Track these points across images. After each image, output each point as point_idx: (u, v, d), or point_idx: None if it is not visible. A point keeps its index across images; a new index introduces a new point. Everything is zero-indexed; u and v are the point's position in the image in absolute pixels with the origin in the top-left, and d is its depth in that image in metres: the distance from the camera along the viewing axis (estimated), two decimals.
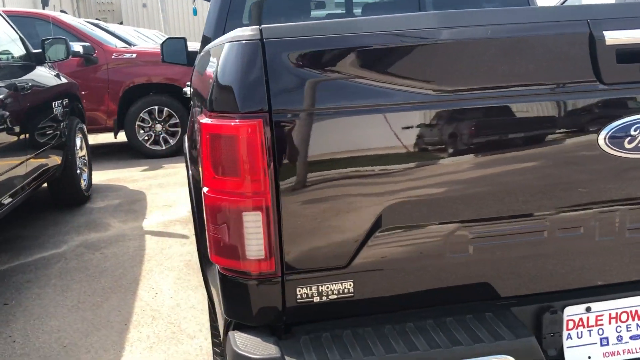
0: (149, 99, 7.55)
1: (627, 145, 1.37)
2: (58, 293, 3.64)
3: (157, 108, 7.58)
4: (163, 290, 3.62)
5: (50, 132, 4.70)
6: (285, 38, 1.24)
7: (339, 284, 1.32)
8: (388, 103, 1.27)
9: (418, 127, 1.29)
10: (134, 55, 7.57)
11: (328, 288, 1.32)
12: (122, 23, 22.43)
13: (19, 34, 4.69)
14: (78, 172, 5.47)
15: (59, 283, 3.79)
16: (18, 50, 4.55)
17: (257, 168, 1.24)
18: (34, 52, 4.79)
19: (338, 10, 3.27)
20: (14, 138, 3.87)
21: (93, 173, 6.40)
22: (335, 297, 1.33)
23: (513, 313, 1.41)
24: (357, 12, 3.24)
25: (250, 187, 1.24)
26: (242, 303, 1.34)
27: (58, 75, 5.34)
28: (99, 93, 7.42)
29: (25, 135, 4.11)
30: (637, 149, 1.37)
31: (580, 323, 1.46)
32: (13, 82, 4.04)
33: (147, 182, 6.49)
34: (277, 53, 1.23)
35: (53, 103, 4.82)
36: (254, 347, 1.27)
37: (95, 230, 4.84)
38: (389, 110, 1.27)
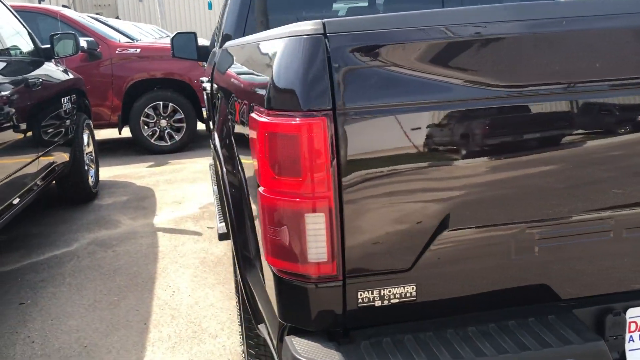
0: (154, 94, 7.48)
1: None
2: (73, 292, 3.59)
3: (161, 103, 7.51)
4: (180, 289, 3.57)
5: (60, 128, 4.64)
6: (350, 32, 1.19)
7: (402, 288, 1.28)
8: (455, 99, 1.22)
9: (488, 124, 1.25)
10: (138, 50, 7.49)
11: (390, 292, 1.28)
12: (118, 18, 22.27)
13: (28, 29, 4.61)
14: (86, 168, 5.41)
15: (74, 282, 3.74)
16: (27, 46, 4.48)
17: (320, 168, 1.19)
18: (43, 47, 4.71)
19: (360, 4, 3.22)
20: (26, 135, 3.81)
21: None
22: (397, 300, 1.29)
23: (576, 315, 1.37)
24: (379, 2, 3.18)
25: (313, 187, 1.20)
26: (300, 307, 1.29)
27: (66, 71, 5.27)
28: (103, 88, 7.34)
29: (37, 133, 4.05)
30: None
31: None
32: (24, 78, 3.98)
33: (154, 178, 6.43)
34: (341, 48, 1.18)
35: (62, 99, 4.76)
36: (315, 353, 1.23)
37: (106, 228, 4.79)
38: (457, 107, 1.23)
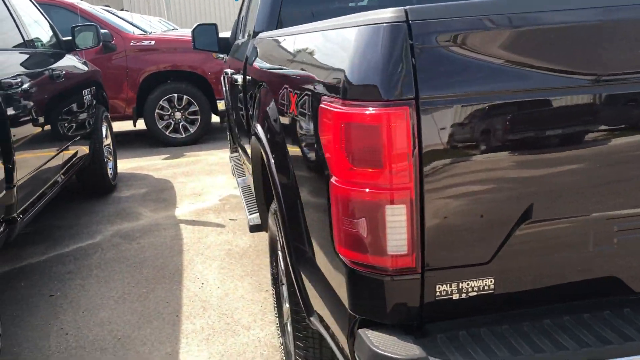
0: (168, 87, 7.46)
1: None
2: (102, 284, 3.58)
3: (176, 96, 7.48)
4: (209, 280, 3.56)
5: (82, 121, 4.62)
6: (433, 20, 1.17)
7: (480, 281, 1.26)
8: (542, 87, 1.20)
9: (574, 114, 1.22)
10: (153, 42, 7.46)
11: (468, 285, 1.26)
12: (123, 9, 22.19)
13: (49, 21, 4.59)
14: (105, 161, 5.40)
15: (101, 274, 3.73)
16: (49, 38, 4.46)
17: (402, 158, 1.17)
18: (64, 39, 4.69)
19: None
20: (52, 128, 3.79)
21: None
22: (475, 293, 1.27)
23: None
24: None
25: (395, 178, 1.18)
26: (374, 300, 1.27)
27: (85, 63, 5.25)
28: (118, 81, 7.31)
29: (61, 125, 4.04)
30: None
31: None
32: (50, 70, 3.96)
33: (170, 170, 6.42)
34: (423, 35, 1.16)
35: (83, 91, 4.74)
36: (393, 346, 1.21)
37: (128, 220, 4.78)
38: (543, 95, 1.20)
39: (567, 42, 1.22)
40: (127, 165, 6.70)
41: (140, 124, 7.92)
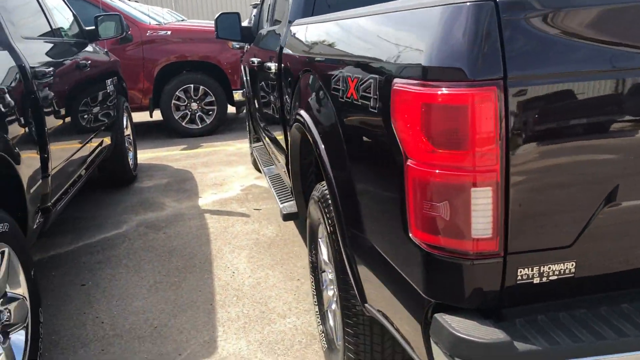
0: (185, 77, 7.44)
1: None
2: (132, 274, 3.59)
3: (192, 86, 7.47)
4: (239, 269, 3.56)
5: (106, 111, 4.62)
6: None
7: (561, 264, 1.24)
8: (633, 67, 1.17)
9: None
10: (169, 33, 7.44)
11: (550, 268, 1.24)
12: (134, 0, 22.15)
13: (72, 11, 4.57)
14: (126, 151, 5.39)
15: (130, 264, 3.74)
16: (73, 28, 4.44)
17: (489, 140, 1.15)
18: (86, 29, 4.68)
19: None
20: (79, 118, 3.79)
21: None
22: (556, 277, 1.25)
23: None
24: None
25: (481, 161, 1.16)
26: (453, 284, 1.26)
27: (107, 53, 5.23)
28: (134, 71, 7.29)
29: (88, 115, 4.03)
30: None
31: None
32: (76, 59, 3.95)
33: (189, 161, 6.42)
34: (513, 13, 1.14)
35: (107, 81, 4.73)
36: (476, 330, 1.20)
37: (152, 210, 4.78)
38: (635, 75, 1.18)
39: None
40: (145, 156, 6.70)
41: (156, 115, 7.92)
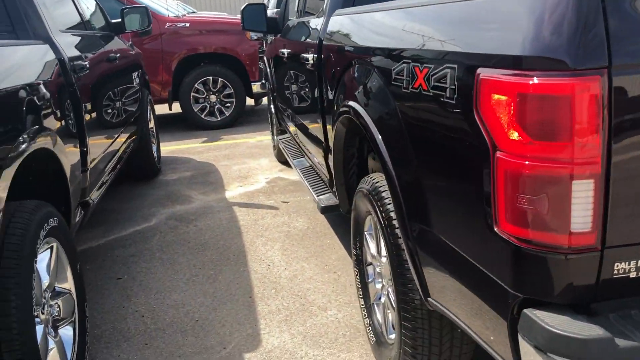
0: (203, 69, 7.41)
1: None
2: (167, 267, 3.58)
3: (211, 78, 7.44)
4: (274, 262, 3.55)
5: (134, 104, 4.60)
6: None
7: None
8: None
9: None
10: (187, 25, 7.41)
11: None
12: None
13: (98, 3, 4.55)
14: (151, 144, 5.38)
15: (164, 257, 3.73)
16: (100, 20, 4.42)
17: (592, 131, 1.12)
18: (113, 22, 4.65)
19: None
20: (112, 111, 3.77)
21: None
22: None
23: None
24: None
25: (583, 153, 1.13)
26: (544, 278, 1.23)
27: (132, 46, 5.21)
28: (154, 64, 7.26)
29: (119, 108, 4.02)
30: None
31: None
32: (106, 52, 3.93)
33: (211, 153, 6.40)
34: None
35: (133, 74, 4.71)
36: (571, 326, 1.18)
37: (179, 203, 4.77)
38: None
39: None
40: (167, 149, 6.69)
41: (174, 107, 7.90)
